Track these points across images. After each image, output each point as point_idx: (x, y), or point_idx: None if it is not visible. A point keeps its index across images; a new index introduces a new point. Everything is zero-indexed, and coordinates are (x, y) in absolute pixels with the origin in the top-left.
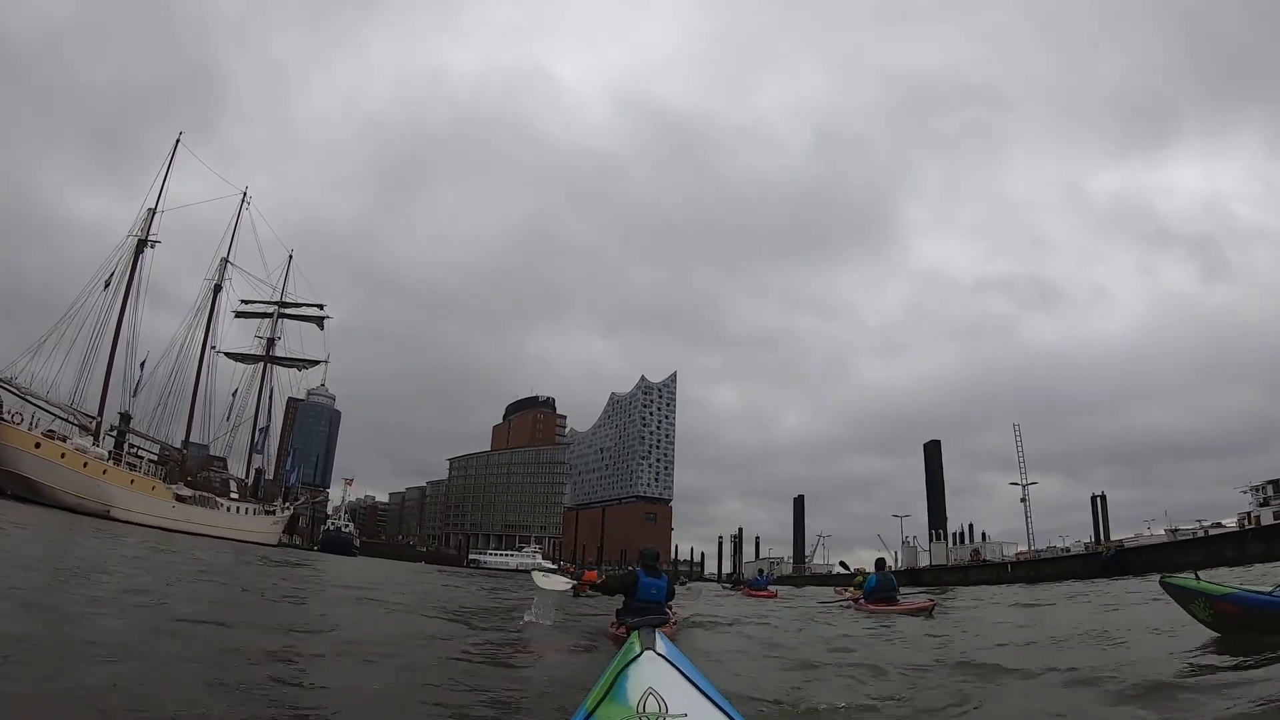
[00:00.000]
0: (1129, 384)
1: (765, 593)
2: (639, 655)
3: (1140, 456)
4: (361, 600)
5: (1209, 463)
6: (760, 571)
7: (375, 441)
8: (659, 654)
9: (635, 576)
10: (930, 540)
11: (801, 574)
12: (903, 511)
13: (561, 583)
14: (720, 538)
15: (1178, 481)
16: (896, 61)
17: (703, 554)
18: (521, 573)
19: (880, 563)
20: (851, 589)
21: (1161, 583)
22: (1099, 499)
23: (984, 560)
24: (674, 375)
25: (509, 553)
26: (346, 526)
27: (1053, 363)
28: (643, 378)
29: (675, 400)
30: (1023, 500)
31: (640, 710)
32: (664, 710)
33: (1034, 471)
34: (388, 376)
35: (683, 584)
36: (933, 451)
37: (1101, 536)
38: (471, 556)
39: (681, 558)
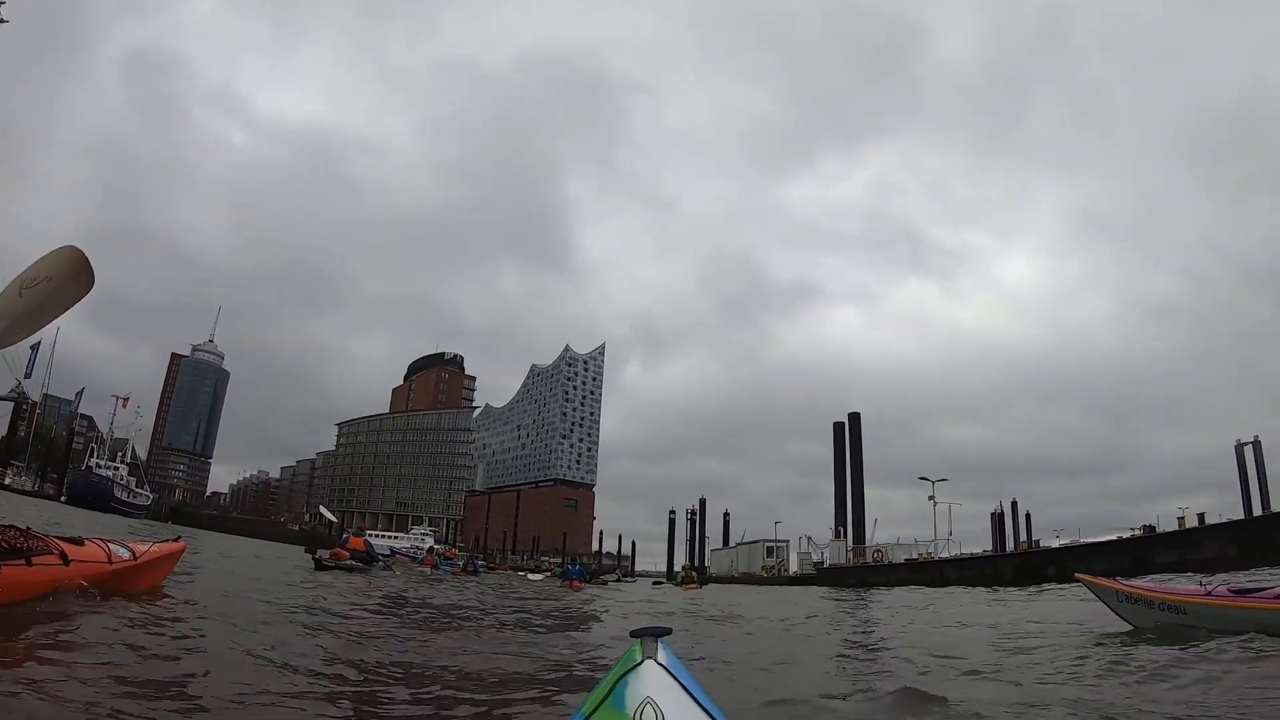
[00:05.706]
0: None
1: (575, 584)
2: (640, 664)
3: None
4: None
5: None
6: (573, 562)
7: (271, 409)
8: (660, 664)
9: None
10: (841, 538)
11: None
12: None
13: None
14: (672, 514)
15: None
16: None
17: (633, 544)
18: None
19: (574, 560)
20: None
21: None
22: (1012, 506)
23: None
24: (602, 347)
25: (394, 534)
26: (109, 469)
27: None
28: (567, 347)
29: (602, 374)
30: (930, 498)
31: (637, 719)
32: None
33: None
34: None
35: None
36: (843, 430)
37: (1011, 545)
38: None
39: (608, 549)
